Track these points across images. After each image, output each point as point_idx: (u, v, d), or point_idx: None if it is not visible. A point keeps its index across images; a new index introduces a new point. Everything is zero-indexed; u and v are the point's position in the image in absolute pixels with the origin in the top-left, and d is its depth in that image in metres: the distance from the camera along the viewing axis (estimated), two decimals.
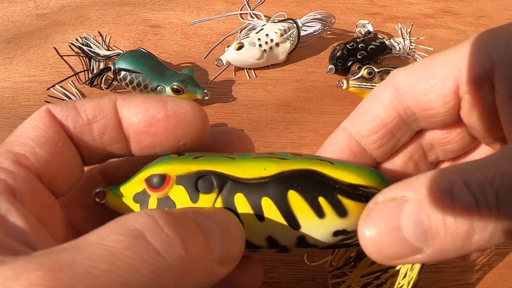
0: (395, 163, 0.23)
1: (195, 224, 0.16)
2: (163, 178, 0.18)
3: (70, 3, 0.55)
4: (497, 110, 0.18)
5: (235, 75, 0.48)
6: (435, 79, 0.19)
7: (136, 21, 0.53)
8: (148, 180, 0.18)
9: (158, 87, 0.43)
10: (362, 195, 0.18)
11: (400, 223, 0.16)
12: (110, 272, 0.12)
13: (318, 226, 0.18)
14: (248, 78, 0.47)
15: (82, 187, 0.21)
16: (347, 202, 0.18)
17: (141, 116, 0.19)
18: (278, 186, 0.18)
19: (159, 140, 0.20)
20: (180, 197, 0.18)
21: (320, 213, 0.18)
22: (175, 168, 0.18)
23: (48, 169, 0.17)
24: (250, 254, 0.20)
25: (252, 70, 0.48)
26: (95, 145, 0.19)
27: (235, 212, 0.18)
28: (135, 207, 0.19)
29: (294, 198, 0.18)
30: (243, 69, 0.48)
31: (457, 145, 0.22)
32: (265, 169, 0.18)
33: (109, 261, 0.12)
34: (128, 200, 0.19)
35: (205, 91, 0.43)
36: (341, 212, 0.18)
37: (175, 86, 0.42)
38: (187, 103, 0.20)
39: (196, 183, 0.18)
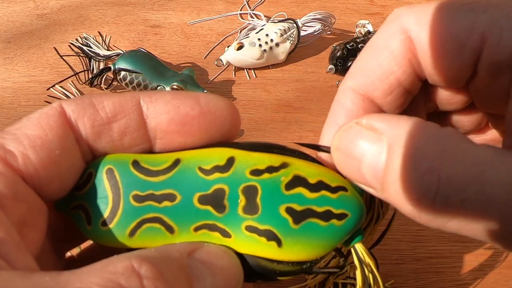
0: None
1: (182, 276, 0.14)
2: (103, 245, 0.18)
3: (70, 3, 0.55)
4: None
5: (235, 75, 0.48)
6: (454, 38, 0.17)
7: (136, 21, 0.53)
8: None
9: (158, 87, 0.43)
10: (309, 268, 0.18)
11: (363, 158, 0.16)
12: None
13: None
14: (248, 78, 0.47)
15: None
16: (287, 279, 0.18)
17: (173, 114, 0.17)
18: None
19: (192, 140, 0.18)
20: None
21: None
22: (114, 242, 0.18)
23: (36, 177, 0.16)
24: None
25: (252, 70, 0.48)
26: (113, 146, 0.17)
27: None
28: None
29: None
30: (243, 69, 0.48)
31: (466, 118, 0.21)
32: None
33: None
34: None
35: (205, 91, 0.43)
36: (278, 281, 0.18)
37: (175, 86, 0.42)
38: (220, 99, 0.18)
39: None
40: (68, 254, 0.20)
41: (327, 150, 0.19)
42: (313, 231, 0.17)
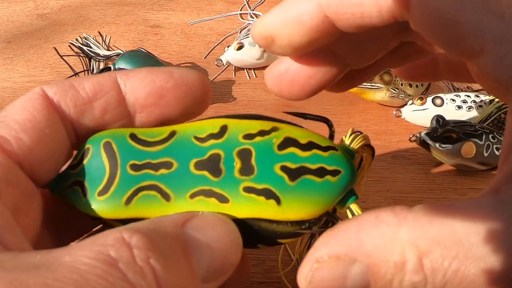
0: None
1: (177, 245, 0.14)
2: (99, 218, 0.18)
3: (70, 3, 0.55)
4: None
5: (235, 75, 0.48)
6: None
7: (136, 21, 0.53)
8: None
9: None
10: (308, 228, 0.18)
11: (346, 284, 0.15)
12: None
13: None
14: (248, 78, 0.47)
15: None
16: (287, 241, 0.18)
17: (149, 88, 0.18)
18: None
19: (169, 111, 0.19)
20: None
21: (257, 248, 0.18)
22: (109, 213, 0.17)
23: (30, 157, 0.16)
24: None
25: (252, 70, 0.48)
26: (96, 124, 0.18)
27: None
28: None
29: None
30: (243, 69, 0.48)
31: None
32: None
33: (81, 287, 0.12)
34: (72, 204, 0.18)
35: None
36: (279, 245, 0.18)
37: None
38: (192, 72, 0.19)
39: None
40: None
41: (314, 118, 0.20)
42: (310, 187, 0.17)
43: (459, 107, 0.40)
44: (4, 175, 0.15)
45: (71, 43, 0.49)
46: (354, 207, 0.18)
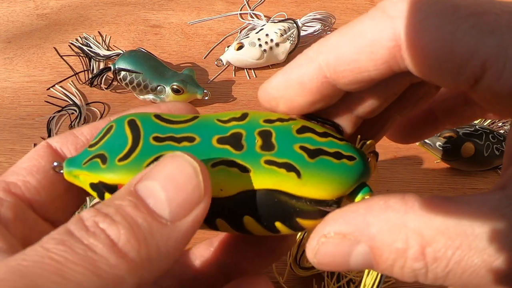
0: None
1: (125, 202, 0.15)
2: (115, 187, 0.18)
3: (70, 3, 0.55)
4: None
5: (235, 75, 0.48)
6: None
7: (136, 21, 0.53)
8: (99, 185, 0.18)
9: (158, 87, 0.43)
10: (326, 211, 0.18)
11: (349, 261, 0.16)
12: (41, 263, 0.13)
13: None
14: (248, 78, 0.47)
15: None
16: (305, 223, 0.18)
17: None
18: (233, 210, 0.18)
19: None
20: None
21: (275, 232, 0.18)
22: (128, 179, 0.17)
23: (38, 196, 0.18)
24: (260, 274, 0.20)
25: (252, 70, 0.48)
26: None
27: None
28: (93, 193, 0.18)
29: (250, 223, 0.18)
30: (243, 69, 0.48)
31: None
32: (221, 189, 0.17)
33: (41, 254, 0.13)
34: (85, 185, 0.18)
35: (205, 91, 0.43)
36: (298, 229, 0.18)
37: (175, 86, 0.42)
38: (177, 102, 0.21)
39: None
40: None
41: (325, 121, 0.20)
42: (328, 166, 0.18)
43: None
44: (12, 213, 0.17)
45: (71, 43, 0.49)
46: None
